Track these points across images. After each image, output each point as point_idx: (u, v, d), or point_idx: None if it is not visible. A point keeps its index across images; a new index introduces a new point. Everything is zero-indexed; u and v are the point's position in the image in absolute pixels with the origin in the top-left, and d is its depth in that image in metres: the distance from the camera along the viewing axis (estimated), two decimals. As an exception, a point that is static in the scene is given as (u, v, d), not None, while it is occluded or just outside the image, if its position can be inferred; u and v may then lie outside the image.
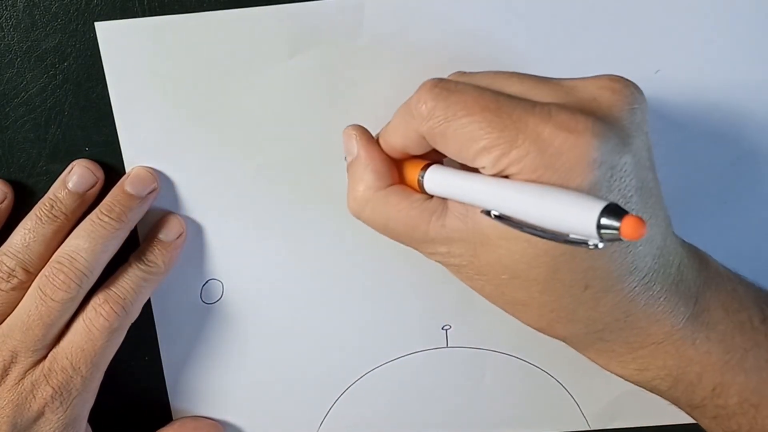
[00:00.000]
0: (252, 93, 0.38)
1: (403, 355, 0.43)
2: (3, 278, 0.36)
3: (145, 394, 0.43)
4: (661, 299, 0.31)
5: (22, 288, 0.36)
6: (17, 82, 0.37)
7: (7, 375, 0.36)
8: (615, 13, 0.36)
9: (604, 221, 0.25)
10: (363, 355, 0.43)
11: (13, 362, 0.36)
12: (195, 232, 0.40)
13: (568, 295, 0.30)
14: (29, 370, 0.36)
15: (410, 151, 0.33)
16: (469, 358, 0.43)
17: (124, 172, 0.38)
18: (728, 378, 0.33)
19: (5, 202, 0.38)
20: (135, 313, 0.38)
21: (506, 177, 0.28)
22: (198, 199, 0.39)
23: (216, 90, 0.37)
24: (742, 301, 0.34)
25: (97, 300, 0.37)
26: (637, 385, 0.34)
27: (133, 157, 0.38)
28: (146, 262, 0.38)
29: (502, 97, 0.29)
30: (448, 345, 0.42)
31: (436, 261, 0.33)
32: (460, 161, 0.30)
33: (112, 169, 0.38)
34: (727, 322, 0.33)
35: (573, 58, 0.37)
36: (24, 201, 0.39)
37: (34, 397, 0.36)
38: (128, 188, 0.37)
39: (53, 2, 0.36)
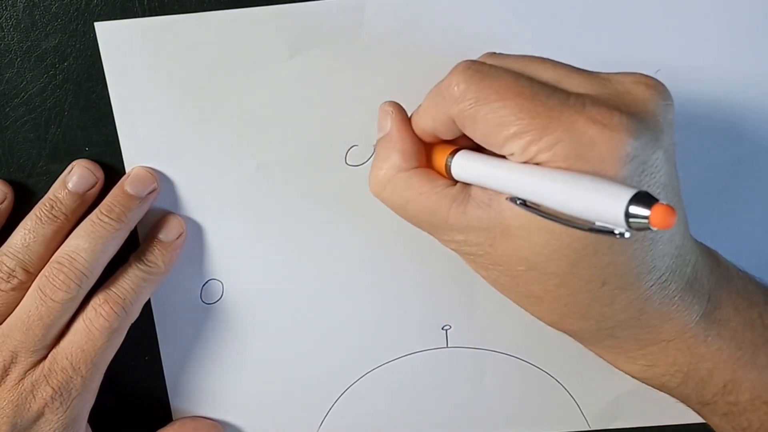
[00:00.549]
0: (252, 93, 0.38)
1: (403, 355, 0.43)
2: (3, 278, 0.36)
3: (145, 394, 0.43)
4: (676, 298, 0.31)
5: (22, 288, 0.36)
6: (17, 82, 0.37)
7: (7, 375, 0.36)
8: (615, 13, 0.36)
9: (634, 209, 0.24)
10: (363, 355, 0.43)
11: (13, 362, 0.36)
12: (195, 232, 0.40)
13: (584, 291, 0.30)
14: (29, 370, 0.36)
15: (440, 135, 0.32)
16: (469, 358, 0.43)
17: (124, 172, 0.38)
18: (740, 375, 0.33)
19: (5, 203, 0.38)
20: (135, 313, 0.38)
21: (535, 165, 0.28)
22: (198, 199, 0.39)
23: (216, 90, 0.37)
24: (752, 298, 0.34)
25: (97, 300, 0.37)
26: (644, 382, 0.34)
27: (133, 157, 0.38)
28: (146, 262, 0.38)
29: (537, 84, 0.29)
30: (448, 345, 0.42)
31: (451, 249, 0.32)
32: (487, 147, 0.30)
33: (112, 169, 0.38)
34: (738, 319, 0.33)
35: (573, 58, 0.37)
36: (24, 201, 0.38)
37: (34, 397, 0.36)
38: (128, 188, 0.37)
39: (53, 2, 0.36)
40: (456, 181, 0.32)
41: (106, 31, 0.36)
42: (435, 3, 0.36)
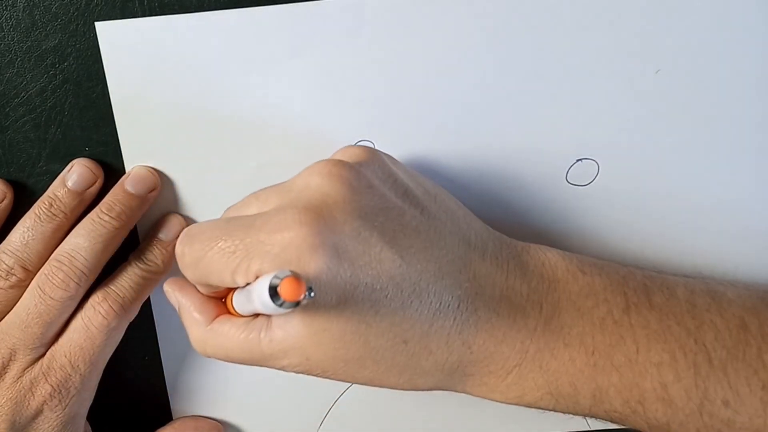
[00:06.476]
0: (252, 93, 0.38)
1: (403, 355, 0.43)
2: (2, 276, 0.36)
3: (145, 394, 0.43)
4: (492, 320, 0.31)
5: (21, 286, 0.36)
6: (17, 82, 0.37)
7: (5, 373, 0.36)
8: (615, 13, 0.36)
9: (277, 290, 0.26)
10: (363, 355, 0.43)
11: (11, 360, 0.36)
12: (195, 232, 0.40)
13: (399, 355, 0.30)
14: (28, 367, 0.36)
15: (214, 293, 0.34)
16: (469, 358, 0.42)
17: (124, 172, 0.38)
18: (602, 380, 0.31)
19: (5, 202, 0.38)
20: (134, 312, 0.38)
21: None
22: (198, 199, 0.39)
23: (216, 90, 0.37)
24: (599, 294, 0.32)
25: (96, 298, 0.37)
26: (530, 407, 0.33)
27: (133, 157, 0.38)
28: (146, 261, 0.38)
29: (232, 221, 0.30)
30: (448, 345, 0.42)
31: (296, 373, 0.32)
32: (230, 286, 0.31)
33: (112, 169, 0.38)
34: (584, 322, 0.32)
35: (573, 58, 0.37)
36: (24, 201, 0.38)
37: (32, 394, 0.36)
38: (128, 187, 0.37)
39: (53, 2, 0.36)
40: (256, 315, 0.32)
41: (106, 31, 0.36)
42: (435, 3, 0.36)
